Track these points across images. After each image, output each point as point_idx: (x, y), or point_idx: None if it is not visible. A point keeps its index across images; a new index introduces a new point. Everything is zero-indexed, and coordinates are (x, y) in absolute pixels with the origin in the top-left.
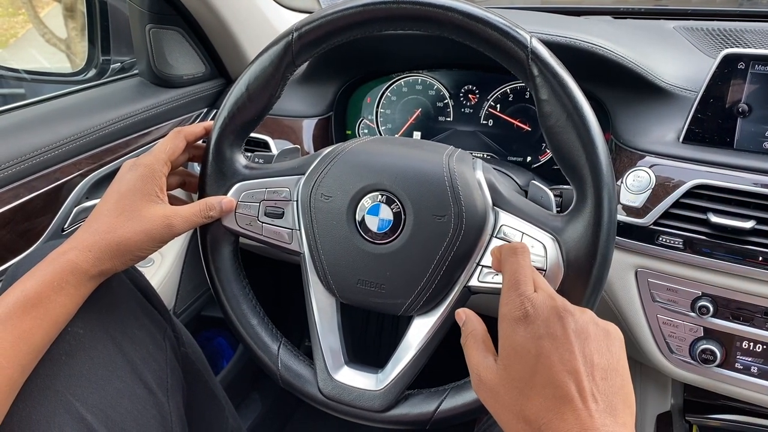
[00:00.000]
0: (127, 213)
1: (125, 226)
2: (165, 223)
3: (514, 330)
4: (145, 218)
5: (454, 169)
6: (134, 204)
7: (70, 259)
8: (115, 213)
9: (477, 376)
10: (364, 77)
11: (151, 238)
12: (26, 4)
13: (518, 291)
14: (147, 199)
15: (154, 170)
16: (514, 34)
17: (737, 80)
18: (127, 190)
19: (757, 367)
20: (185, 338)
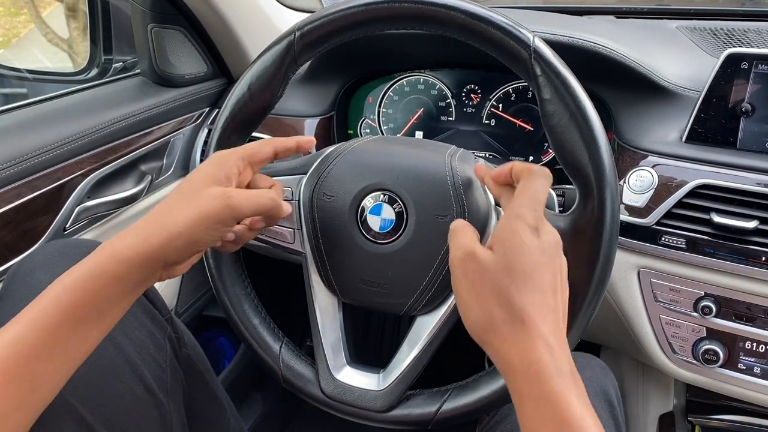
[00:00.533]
0: (186, 194)
1: (180, 205)
2: (223, 202)
3: (523, 232)
4: (202, 197)
5: (457, 169)
6: (194, 185)
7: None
8: (175, 196)
9: (468, 249)
10: (366, 77)
11: (204, 219)
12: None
13: (537, 207)
14: (210, 180)
15: (227, 159)
16: (517, 33)
17: (740, 80)
18: (193, 174)
19: (760, 367)
20: (186, 339)
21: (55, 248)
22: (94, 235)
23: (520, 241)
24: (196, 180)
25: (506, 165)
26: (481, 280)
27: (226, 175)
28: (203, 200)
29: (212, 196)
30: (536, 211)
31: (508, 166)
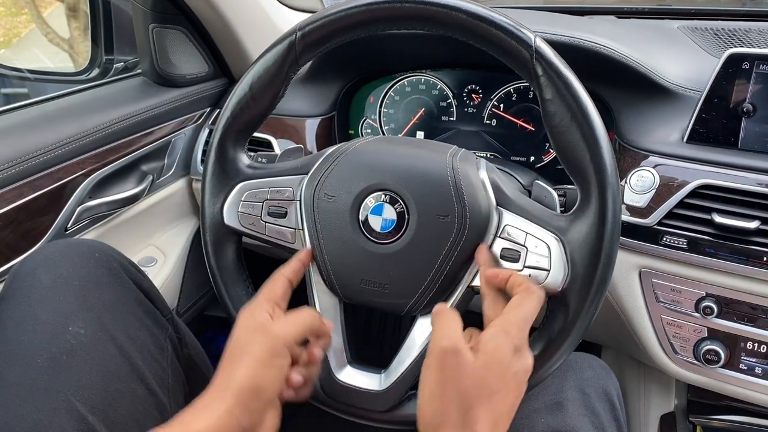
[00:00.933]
0: (234, 354)
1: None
2: (265, 336)
3: (507, 350)
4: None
5: (458, 169)
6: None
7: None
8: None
9: (455, 344)
10: (367, 77)
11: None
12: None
13: (525, 328)
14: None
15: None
16: (519, 33)
17: (741, 80)
18: (231, 341)
19: (761, 367)
20: (188, 339)
21: (57, 248)
22: (95, 235)
23: (501, 358)
24: (236, 342)
25: (505, 272)
26: (454, 380)
27: (261, 322)
28: (249, 347)
29: (255, 339)
30: (523, 331)
31: (506, 274)
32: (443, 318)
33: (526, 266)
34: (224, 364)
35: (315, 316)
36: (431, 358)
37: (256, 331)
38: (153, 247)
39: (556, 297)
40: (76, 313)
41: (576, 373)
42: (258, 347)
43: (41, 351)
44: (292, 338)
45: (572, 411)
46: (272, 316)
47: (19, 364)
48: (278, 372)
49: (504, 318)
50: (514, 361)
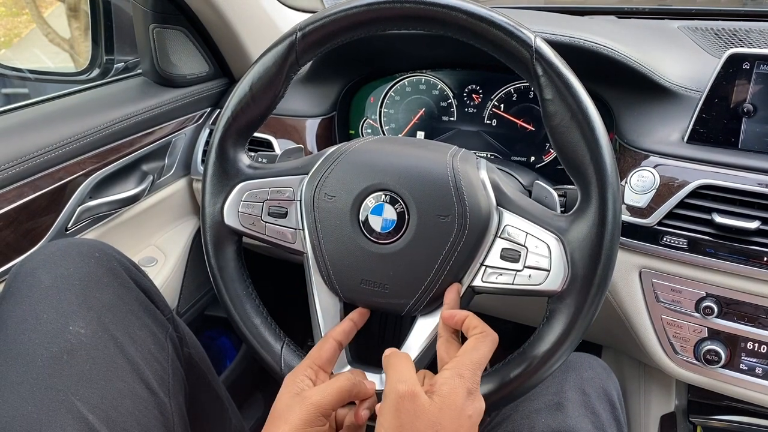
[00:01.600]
0: (274, 419)
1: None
2: (302, 403)
3: (461, 393)
4: (285, 415)
5: (458, 169)
6: (279, 410)
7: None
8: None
9: (411, 388)
10: (367, 77)
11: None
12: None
13: (478, 372)
14: (290, 400)
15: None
16: (519, 33)
17: (742, 80)
18: (275, 404)
19: (761, 368)
20: (188, 338)
21: (58, 248)
22: (95, 235)
23: (456, 401)
24: (276, 407)
25: (461, 313)
26: (410, 424)
27: (300, 388)
28: (287, 414)
29: (293, 406)
30: (477, 375)
31: (462, 315)
32: (396, 361)
33: (526, 266)
34: (266, 428)
35: (355, 381)
36: (387, 402)
37: (295, 398)
38: (153, 247)
39: (556, 297)
40: (77, 312)
41: (576, 373)
42: (295, 416)
43: (42, 350)
44: (329, 405)
45: (572, 411)
46: (314, 381)
47: (19, 364)
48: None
49: (458, 361)
50: (468, 404)
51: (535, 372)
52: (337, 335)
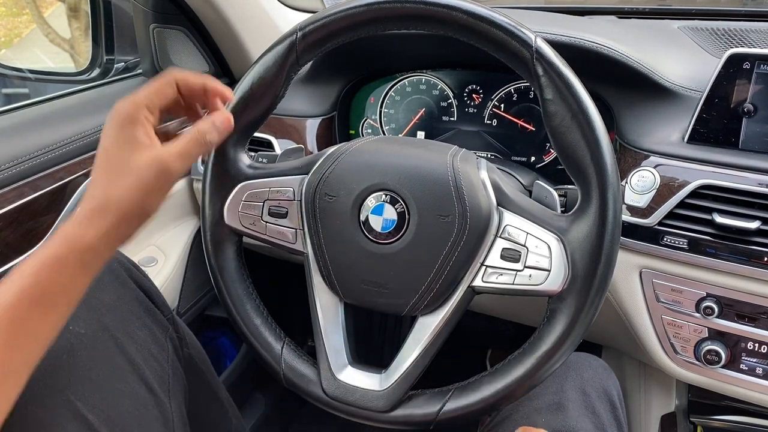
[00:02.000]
0: (115, 168)
1: (117, 183)
2: (157, 168)
3: None
4: (134, 168)
5: (459, 169)
6: (119, 156)
7: (69, 235)
8: (105, 172)
9: None
10: (367, 77)
11: (147, 191)
12: (30, 4)
13: None
14: (131, 146)
15: (133, 116)
16: (519, 33)
17: (742, 80)
18: (110, 144)
19: (762, 368)
20: (188, 338)
21: None
22: None
23: None
24: (119, 150)
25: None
26: None
27: (144, 132)
28: (138, 172)
29: (145, 164)
30: None
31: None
32: None
33: (526, 266)
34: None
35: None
36: None
37: (146, 157)
38: (154, 247)
39: (556, 297)
40: (77, 312)
41: (576, 373)
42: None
43: None
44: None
45: (573, 411)
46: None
47: None
48: (163, 198)
49: None
50: None
51: (535, 372)
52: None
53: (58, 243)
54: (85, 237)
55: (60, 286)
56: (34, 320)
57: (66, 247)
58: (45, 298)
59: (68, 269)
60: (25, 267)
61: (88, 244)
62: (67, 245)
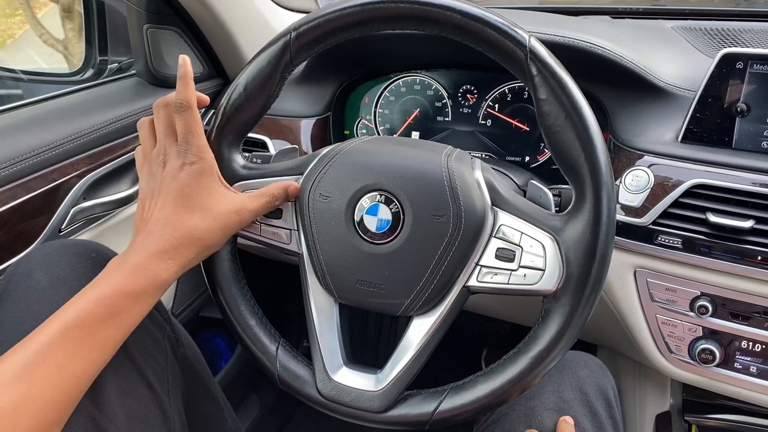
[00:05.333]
0: (201, 212)
1: (203, 225)
2: (237, 218)
3: None
4: (220, 214)
5: (453, 169)
6: (205, 201)
7: (152, 269)
8: (188, 213)
9: None
10: (362, 77)
11: (226, 234)
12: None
13: None
14: (216, 194)
15: (212, 164)
16: (513, 33)
17: (735, 80)
18: (192, 190)
19: (756, 366)
20: (184, 339)
21: (54, 248)
22: (89, 236)
23: None
24: (204, 195)
25: None
26: None
27: (221, 180)
28: (223, 218)
29: (229, 212)
30: None
31: None
32: None
33: (521, 266)
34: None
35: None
36: None
37: (231, 203)
38: None
39: (551, 297)
40: None
41: (573, 372)
42: (231, 222)
43: None
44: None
45: (571, 411)
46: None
47: None
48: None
49: None
50: None
51: (530, 371)
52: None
53: (139, 278)
54: (167, 271)
55: (135, 314)
56: (102, 333)
57: (148, 281)
58: (116, 318)
59: (147, 300)
60: (100, 285)
61: (166, 279)
62: (150, 279)
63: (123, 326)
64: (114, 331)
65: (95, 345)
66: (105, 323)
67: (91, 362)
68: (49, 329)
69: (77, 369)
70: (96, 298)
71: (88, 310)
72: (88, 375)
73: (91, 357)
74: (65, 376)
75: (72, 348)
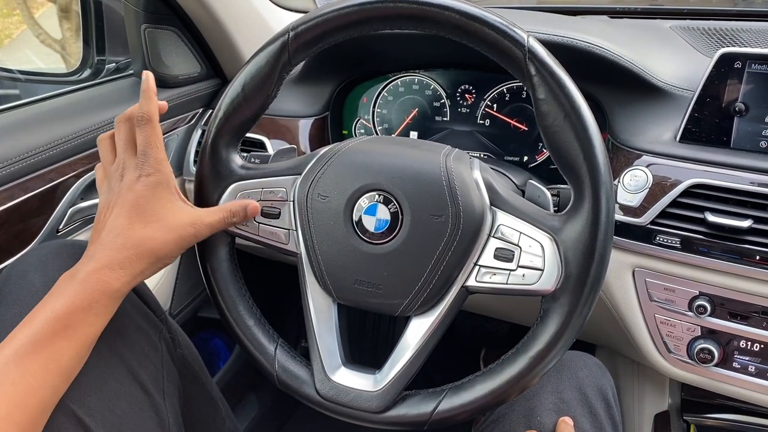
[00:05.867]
0: (155, 223)
1: (156, 237)
2: (192, 231)
3: None
4: (175, 226)
5: (452, 169)
6: (159, 212)
7: (102, 279)
8: (141, 224)
9: None
10: (360, 77)
11: (180, 246)
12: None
13: None
14: (172, 206)
15: (169, 177)
16: (512, 33)
17: (734, 79)
18: (147, 201)
19: (754, 366)
20: (181, 339)
21: (49, 249)
22: (87, 236)
23: None
24: (158, 207)
25: None
26: None
27: (178, 192)
28: (177, 230)
29: (184, 224)
30: None
31: None
32: None
33: (519, 266)
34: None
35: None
36: None
37: (186, 215)
38: None
39: (550, 297)
40: None
41: (571, 372)
42: (186, 234)
43: None
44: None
45: (569, 410)
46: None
47: None
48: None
49: None
50: None
51: (529, 371)
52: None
53: (91, 287)
54: (118, 281)
55: (91, 325)
56: (56, 346)
57: (99, 292)
58: (70, 331)
59: (101, 311)
60: (53, 298)
61: (118, 289)
62: (100, 290)
63: (79, 339)
64: (69, 343)
65: (51, 358)
66: (59, 337)
67: (50, 376)
68: (5, 349)
69: (32, 383)
70: (48, 313)
71: (41, 326)
72: (47, 388)
73: (49, 370)
74: (20, 391)
75: (26, 363)
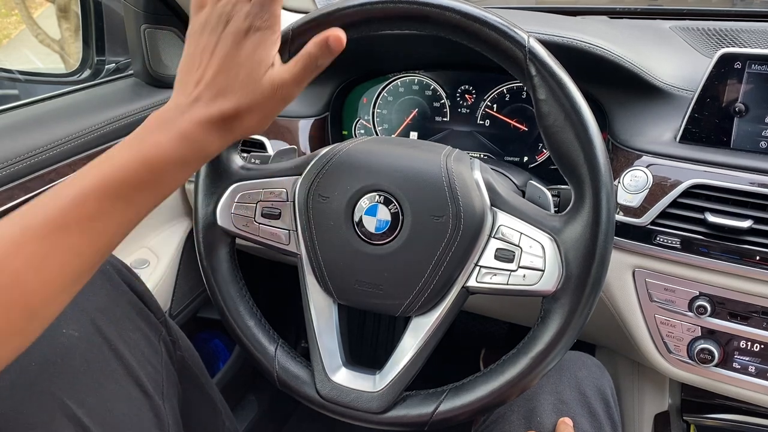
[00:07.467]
0: (248, 84)
1: (248, 99)
2: (282, 94)
3: None
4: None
5: (452, 169)
6: (252, 73)
7: (200, 142)
8: (239, 85)
9: None
10: (360, 77)
11: (272, 115)
12: (19, 4)
13: None
14: (263, 66)
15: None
16: (512, 33)
17: (734, 80)
18: (252, 62)
19: (754, 366)
20: (181, 341)
21: None
22: None
23: None
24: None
25: None
26: None
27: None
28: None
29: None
30: None
31: None
32: None
33: (520, 266)
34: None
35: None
36: None
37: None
38: (146, 249)
39: (550, 297)
40: (70, 315)
41: (571, 373)
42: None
43: (35, 354)
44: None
45: (569, 411)
46: None
47: (12, 368)
48: None
49: None
50: None
51: (529, 372)
52: None
53: (187, 147)
54: (214, 145)
55: (177, 182)
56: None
57: (194, 152)
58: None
59: (190, 169)
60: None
61: (212, 153)
62: (195, 150)
63: (163, 193)
64: (153, 197)
65: (130, 206)
66: (146, 188)
67: (124, 223)
68: (83, 181)
69: (109, 228)
70: (140, 159)
71: (131, 171)
72: (120, 234)
73: (126, 217)
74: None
75: (105, 205)
